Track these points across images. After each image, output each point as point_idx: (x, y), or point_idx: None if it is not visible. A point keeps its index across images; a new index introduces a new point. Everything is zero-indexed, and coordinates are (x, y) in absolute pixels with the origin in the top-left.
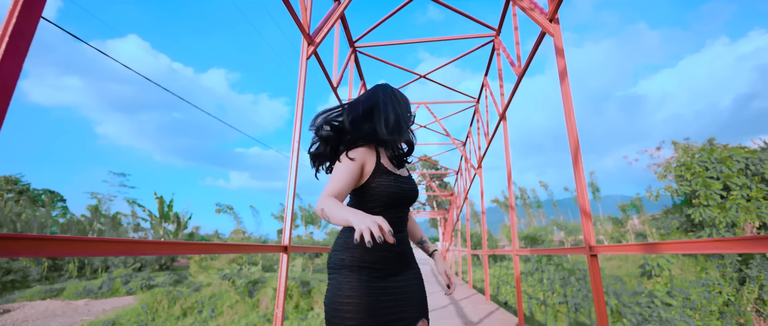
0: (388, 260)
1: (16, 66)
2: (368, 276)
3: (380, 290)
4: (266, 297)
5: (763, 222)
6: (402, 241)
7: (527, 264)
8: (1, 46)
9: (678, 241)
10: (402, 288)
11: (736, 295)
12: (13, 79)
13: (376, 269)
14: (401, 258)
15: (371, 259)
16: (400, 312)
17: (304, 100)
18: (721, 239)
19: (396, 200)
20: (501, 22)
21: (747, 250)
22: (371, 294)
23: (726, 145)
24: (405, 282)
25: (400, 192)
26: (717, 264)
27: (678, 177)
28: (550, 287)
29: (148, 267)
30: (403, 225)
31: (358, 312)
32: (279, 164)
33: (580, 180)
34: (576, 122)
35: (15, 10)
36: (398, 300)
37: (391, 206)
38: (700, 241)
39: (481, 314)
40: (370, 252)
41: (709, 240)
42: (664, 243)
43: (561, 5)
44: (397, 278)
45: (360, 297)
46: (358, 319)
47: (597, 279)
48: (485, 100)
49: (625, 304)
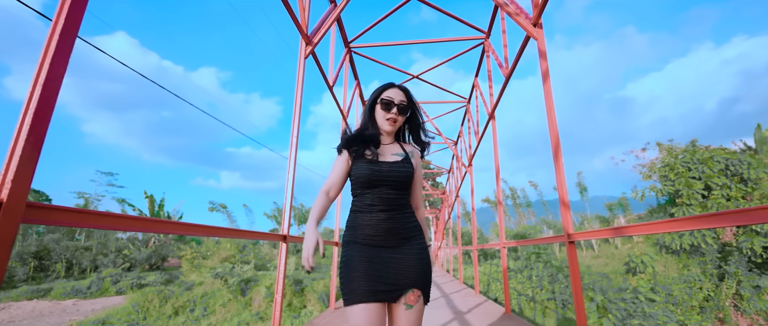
0: (377, 236)
1: (55, 85)
2: (359, 249)
3: (367, 258)
4: (259, 296)
5: None
6: (391, 218)
7: (517, 262)
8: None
9: (640, 224)
10: (395, 259)
11: (715, 291)
12: (53, 99)
13: (365, 244)
14: (392, 233)
15: (361, 236)
16: (386, 277)
17: (304, 98)
18: (673, 219)
19: (370, 182)
20: (490, 25)
21: (693, 227)
22: (356, 260)
23: (708, 146)
24: (400, 254)
25: (371, 174)
26: (698, 261)
27: (662, 177)
28: (538, 284)
29: (137, 267)
30: (393, 204)
31: (345, 273)
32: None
33: (560, 174)
34: (557, 120)
35: (55, 32)
36: (387, 267)
37: (369, 186)
38: (657, 222)
39: (470, 305)
40: (358, 231)
41: (663, 221)
42: (629, 226)
43: (544, 11)
44: (390, 250)
45: (347, 263)
46: (346, 278)
47: (574, 263)
48: (476, 100)
49: (611, 300)
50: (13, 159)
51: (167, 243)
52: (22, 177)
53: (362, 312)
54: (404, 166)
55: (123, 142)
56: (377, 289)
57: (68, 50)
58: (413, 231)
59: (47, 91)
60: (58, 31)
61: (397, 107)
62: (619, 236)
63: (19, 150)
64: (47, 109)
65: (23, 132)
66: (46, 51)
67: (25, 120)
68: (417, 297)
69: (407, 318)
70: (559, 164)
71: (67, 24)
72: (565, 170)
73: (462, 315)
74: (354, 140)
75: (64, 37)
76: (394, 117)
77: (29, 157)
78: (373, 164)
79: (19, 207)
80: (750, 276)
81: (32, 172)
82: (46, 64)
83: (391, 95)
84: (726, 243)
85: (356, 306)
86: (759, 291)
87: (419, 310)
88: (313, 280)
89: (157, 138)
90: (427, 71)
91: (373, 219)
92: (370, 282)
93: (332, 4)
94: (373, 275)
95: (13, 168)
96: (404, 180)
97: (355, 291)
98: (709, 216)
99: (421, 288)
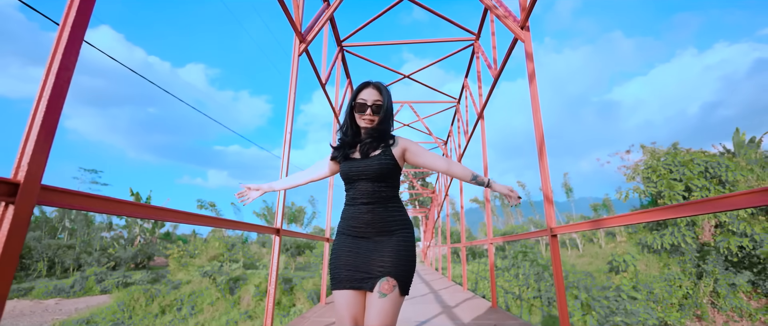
0: (358, 227)
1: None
2: (343, 239)
3: (349, 247)
4: (248, 294)
5: (719, 221)
6: (371, 211)
7: (504, 261)
8: (52, 68)
9: (616, 216)
10: (372, 249)
11: (694, 289)
12: (65, 88)
13: (348, 234)
14: (372, 224)
15: (346, 226)
16: (362, 266)
17: (298, 94)
18: (643, 211)
19: (349, 177)
20: (480, 27)
21: (661, 218)
22: (340, 249)
23: (689, 149)
24: (377, 245)
25: (348, 171)
26: (678, 261)
27: (645, 179)
28: (525, 282)
29: (123, 265)
30: (373, 197)
31: (332, 260)
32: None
33: (544, 171)
34: (542, 119)
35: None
36: (364, 257)
37: (349, 181)
38: (630, 214)
39: (458, 300)
40: (345, 222)
41: (636, 213)
42: (606, 219)
43: (533, 15)
44: (367, 240)
45: (334, 251)
46: (332, 265)
47: (557, 256)
48: (465, 100)
49: (595, 298)
50: (28, 144)
51: (153, 242)
52: (37, 161)
53: (342, 297)
54: (379, 160)
55: (107, 139)
56: (354, 278)
57: (78, 42)
58: (396, 224)
59: (59, 81)
60: (68, 24)
61: (370, 108)
62: (597, 228)
63: (34, 136)
64: (59, 99)
65: (37, 120)
66: (58, 43)
67: (38, 109)
68: (391, 287)
69: (380, 306)
70: (544, 162)
71: (78, 17)
72: (552, 172)
73: (450, 309)
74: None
75: (75, 31)
76: (369, 117)
77: (43, 143)
78: (350, 161)
79: (34, 188)
80: (726, 274)
81: (46, 158)
82: (58, 56)
83: (365, 97)
84: (705, 243)
85: (336, 291)
86: (734, 288)
87: (393, 300)
88: (302, 279)
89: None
90: (417, 71)
91: (356, 211)
92: (349, 271)
93: (325, 3)
94: (352, 264)
95: (28, 153)
96: (380, 173)
97: (336, 278)
98: (673, 207)
99: (396, 278)
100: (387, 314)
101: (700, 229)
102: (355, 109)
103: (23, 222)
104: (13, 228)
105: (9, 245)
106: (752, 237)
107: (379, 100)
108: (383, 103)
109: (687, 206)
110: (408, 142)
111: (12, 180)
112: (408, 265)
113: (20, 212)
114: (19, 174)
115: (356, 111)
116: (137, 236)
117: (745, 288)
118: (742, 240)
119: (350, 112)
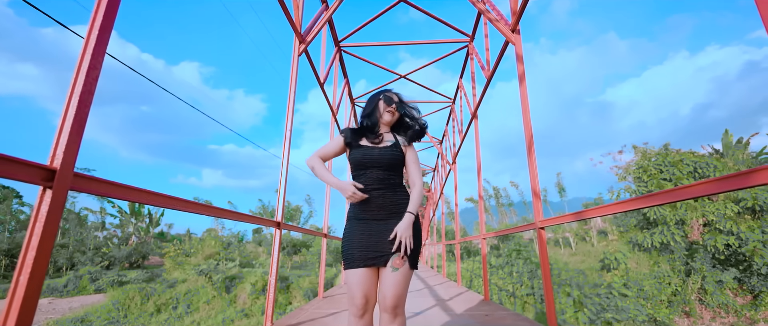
0: (369, 210)
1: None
2: (356, 223)
3: (361, 230)
4: (244, 293)
5: (706, 219)
6: (382, 196)
7: (499, 259)
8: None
9: (597, 207)
10: (381, 229)
11: (682, 286)
12: (93, 84)
13: (360, 218)
14: (383, 207)
15: (356, 212)
16: (375, 246)
17: (297, 94)
18: (618, 202)
19: (362, 164)
20: (474, 29)
21: (642, 206)
22: (353, 233)
23: (678, 150)
24: (388, 225)
25: (362, 157)
26: (668, 259)
27: (636, 178)
28: (518, 280)
29: (117, 265)
30: (384, 183)
31: (344, 243)
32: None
33: (532, 167)
34: (531, 118)
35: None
36: (377, 237)
37: (362, 168)
38: (607, 206)
39: (452, 294)
40: (355, 207)
41: (611, 204)
42: (586, 210)
43: (526, 17)
44: (379, 222)
45: (346, 235)
46: (345, 247)
47: (544, 248)
48: (460, 100)
49: (587, 295)
50: (62, 135)
51: (148, 241)
52: (71, 150)
53: (354, 275)
54: (392, 151)
55: (99, 138)
56: (367, 256)
57: (104, 44)
58: (404, 207)
59: (89, 79)
60: (96, 27)
61: (395, 103)
62: (578, 219)
63: (67, 128)
64: (89, 95)
65: (70, 114)
66: (86, 45)
67: (70, 104)
68: (402, 262)
69: (393, 279)
70: (532, 159)
71: (104, 21)
72: (546, 172)
73: (444, 302)
74: (353, 133)
75: (102, 34)
76: (393, 110)
77: (76, 135)
78: (365, 149)
79: (68, 175)
80: (714, 272)
81: (77, 148)
82: (86, 56)
83: (391, 94)
84: (693, 242)
85: (349, 270)
86: (721, 285)
87: (405, 273)
88: (298, 277)
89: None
90: (414, 71)
91: (368, 196)
92: (361, 251)
93: (324, 5)
94: (365, 245)
95: (63, 144)
96: (392, 162)
97: (350, 258)
98: (643, 197)
99: (407, 254)
100: (400, 285)
101: (689, 228)
102: (382, 100)
103: (59, 205)
104: (52, 210)
105: (48, 224)
106: (738, 235)
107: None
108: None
109: (654, 196)
110: (413, 148)
111: (49, 166)
112: (417, 242)
113: (57, 196)
114: (55, 161)
115: (384, 101)
116: (132, 235)
117: (731, 285)
118: (728, 238)
119: (374, 102)
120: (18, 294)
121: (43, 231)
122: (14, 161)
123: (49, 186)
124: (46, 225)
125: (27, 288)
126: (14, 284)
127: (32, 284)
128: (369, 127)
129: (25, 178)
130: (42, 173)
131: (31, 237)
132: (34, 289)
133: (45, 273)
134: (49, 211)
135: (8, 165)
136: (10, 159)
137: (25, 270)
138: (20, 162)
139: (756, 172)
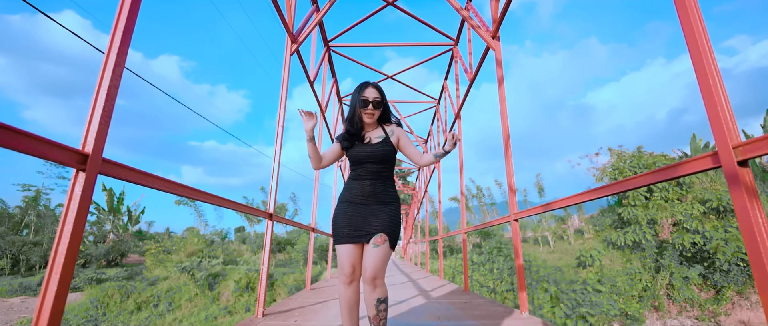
0: (361, 195)
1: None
2: (346, 205)
3: (350, 211)
4: (228, 290)
5: (676, 219)
6: (373, 185)
7: (480, 257)
8: (103, 82)
9: (565, 198)
10: (368, 212)
11: (652, 282)
12: (118, 77)
13: (351, 200)
14: (372, 195)
15: (351, 195)
16: (361, 224)
17: (288, 91)
18: (581, 193)
19: (358, 160)
20: (458, 33)
21: (600, 195)
22: (343, 213)
23: (651, 153)
24: (374, 210)
25: (358, 154)
26: (640, 256)
27: (612, 179)
28: (499, 276)
29: (94, 263)
30: (376, 175)
31: (334, 222)
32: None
33: (508, 163)
34: (508, 119)
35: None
36: (363, 218)
37: (358, 163)
38: (576, 195)
39: (435, 286)
40: (349, 192)
41: (576, 195)
42: (555, 201)
43: (507, 24)
44: (366, 207)
45: (337, 215)
46: (335, 225)
47: (517, 239)
48: (445, 101)
49: (563, 291)
50: (93, 123)
51: (126, 239)
52: (101, 137)
53: (343, 249)
54: (383, 146)
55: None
56: (354, 234)
57: (127, 43)
58: (390, 197)
59: (115, 74)
60: (120, 28)
61: (371, 104)
62: (548, 210)
63: (97, 117)
64: (114, 89)
65: (99, 104)
66: (111, 43)
67: (99, 95)
68: (383, 241)
69: (373, 254)
70: (509, 156)
71: (128, 22)
72: (528, 172)
73: (426, 293)
74: (343, 139)
75: (126, 34)
76: (371, 112)
77: (104, 124)
78: (360, 147)
79: (98, 159)
80: (680, 268)
81: (105, 135)
82: (112, 53)
83: (367, 95)
84: (663, 240)
85: (338, 245)
86: (687, 281)
87: (384, 250)
88: (283, 275)
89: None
90: (400, 72)
91: (361, 184)
92: (350, 229)
93: (315, 6)
94: (352, 224)
95: (93, 131)
96: (384, 156)
97: (339, 235)
98: (603, 187)
99: (388, 235)
100: (379, 259)
101: (660, 227)
102: (359, 105)
103: (90, 186)
104: (84, 191)
105: (82, 205)
106: (703, 234)
107: (378, 97)
108: (381, 100)
109: (607, 187)
110: (402, 132)
111: (82, 151)
112: (396, 227)
113: (89, 178)
114: (87, 147)
115: (360, 107)
116: (109, 233)
117: (696, 280)
118: (694, 236)
119: (355, 108)
120: (58, 260)
121: (78, 209)
122: (53, 144)
123: (82, 169)
124: (80, 204)
125: (66, 256)
126: (54, 253)
127: (70, 253)
128: (355, 134)
129: (61, 160)
130: (76, 156)
131: (67, 214)
132: (71, 257)
133: (79, 244)
134: (83, 191)
135: (47, 148)
136: (50, 142)
137: (64, 241)
138: (58, 145)
139: (682, 165)
